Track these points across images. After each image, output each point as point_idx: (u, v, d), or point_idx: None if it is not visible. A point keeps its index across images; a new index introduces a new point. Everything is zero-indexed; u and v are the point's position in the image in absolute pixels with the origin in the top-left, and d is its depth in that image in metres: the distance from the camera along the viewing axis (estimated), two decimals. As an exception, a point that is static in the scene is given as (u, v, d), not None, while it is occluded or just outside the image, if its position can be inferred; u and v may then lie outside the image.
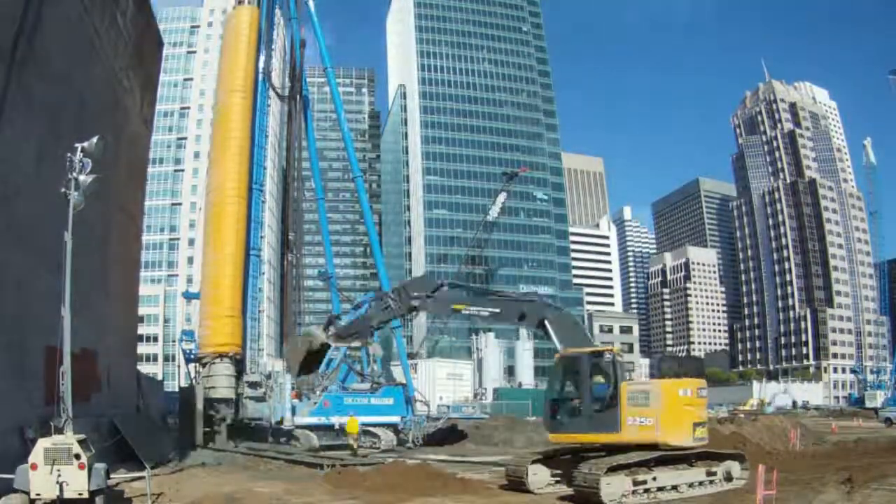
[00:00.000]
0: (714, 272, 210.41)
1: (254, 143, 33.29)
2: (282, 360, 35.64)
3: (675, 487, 13.35)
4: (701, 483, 13.78)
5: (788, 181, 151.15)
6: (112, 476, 12.12)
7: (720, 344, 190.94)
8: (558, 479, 14.47)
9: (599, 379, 14.24)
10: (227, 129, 32.62)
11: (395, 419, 30.63)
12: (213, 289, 31.27)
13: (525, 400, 54.80)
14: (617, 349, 15.22)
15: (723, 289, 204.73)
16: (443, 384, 61.04)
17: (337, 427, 28.30)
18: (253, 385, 30.62)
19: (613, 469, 12.58)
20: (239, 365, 30.86)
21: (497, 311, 18.14)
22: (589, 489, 12.28)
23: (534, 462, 14.65)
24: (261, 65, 34.42)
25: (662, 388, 13.83)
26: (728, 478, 14.10)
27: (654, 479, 13.10)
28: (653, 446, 13.29)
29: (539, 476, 14.43)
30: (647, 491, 12.94)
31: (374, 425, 29.91)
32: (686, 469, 13.67)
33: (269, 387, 30.21)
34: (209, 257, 32.24)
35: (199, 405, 28.12)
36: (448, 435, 33.40)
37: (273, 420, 28.82)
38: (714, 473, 13.95)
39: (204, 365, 30.68)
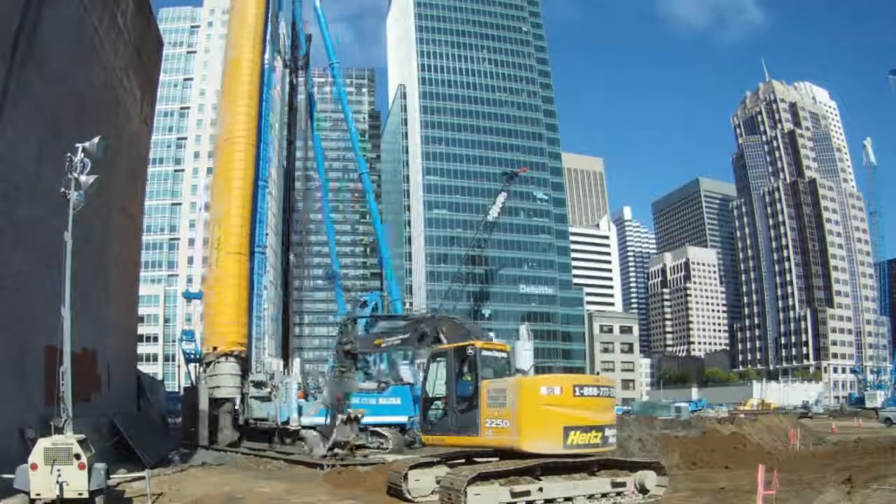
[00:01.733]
0: (714, 272, 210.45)
1: (259, 138, 33.32)
2: (281, 360, 35.40)
3: (569, 500, 11.65)
4: (605, 495, 12.05)
5: (788, 181, 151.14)
6: (112, 476, 12.12)
7: (720, 344, 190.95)
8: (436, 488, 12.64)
9: (467, 377, 12.81)
10: (237, 81, 32.96)
11: (402, 419, 29.92)
12: (218, 286, 31.06)
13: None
14: (483, 343, 13.38)
15: (723, 289, 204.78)
16: None
17: None
18: (258, 385, 30.03)
19: (485, 477, 11.05)
20: (244, 364, 30.35)
21: (406, 336, 16.51)
22: (453, 501, 10.73)
23: (414, 467, 12.94)
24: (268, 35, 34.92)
25: (520, 386, 11.84)
26: (642, 489, 12.50)
27: (541, 489, 11.36)
28: (511, 453, 11.63)
29: (422, 482, 12.73)
30: None
31: (382, 425, 29.13)
32: (585, 479, 11.97)
33: (275, 386, 29.50)
34: (214, 253, 31.98)
35: (204, 405, 27.68)
36: None
37: (279, 420, 28.02)
38: (622, 484, 12.32)
39: (208, 364, 30.19)
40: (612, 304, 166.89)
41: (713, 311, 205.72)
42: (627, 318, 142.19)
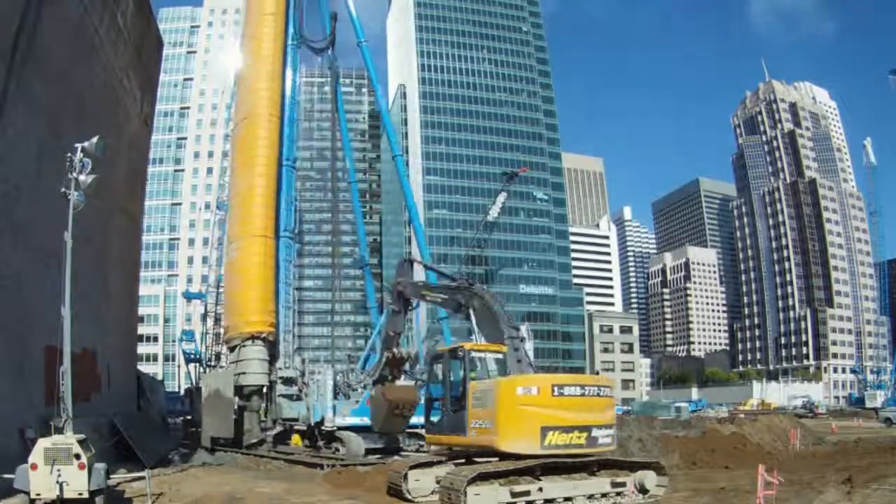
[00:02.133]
0: (714, 272, 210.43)
1: (283, 117, 31.56)
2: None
3: (569, 500, 11.66)
4: (605, 495, 12.08)
5: (788, 181, 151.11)
6: (112, 476, 12.11)
7: (720, 344, 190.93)
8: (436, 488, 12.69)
9: (459, 378, 13.03)
10: (258, 59, 31.08)
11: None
12: (242, 267, 28.76)
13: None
14: (472, 345, 13.43)
15: (723, 289, 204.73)
16: None
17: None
18: (287, 381, 27.99)
19: (485, 477, 11.10)
20: (272, 349, 28.11)
21: (445, 297, 16.66)
22: (452, 501, 10.83)
23: (414, 467, 13.01)
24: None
25: (499, 387, 11.97)
26: (642, 490, 12.53)
27: (541, 489, 11.41)
28: (493, 452, 11.87)
29: (422, 483, 12.73)
30: None
31: (420, 427, 27.69)
32: (585, 479, 11.99)
33: (305, 384, 27.42)
34: (234, 235, 30.10)
35: (229, 393, 25.10)
36: None
37: (312, 420, 26.01)
38: (622, 484, 12.35)
39: (233, 349, 27.98)
40: (612, 304, 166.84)
41: (713, 311, 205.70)
42: (627, 318, 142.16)
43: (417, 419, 26.51)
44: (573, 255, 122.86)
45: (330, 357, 41.83)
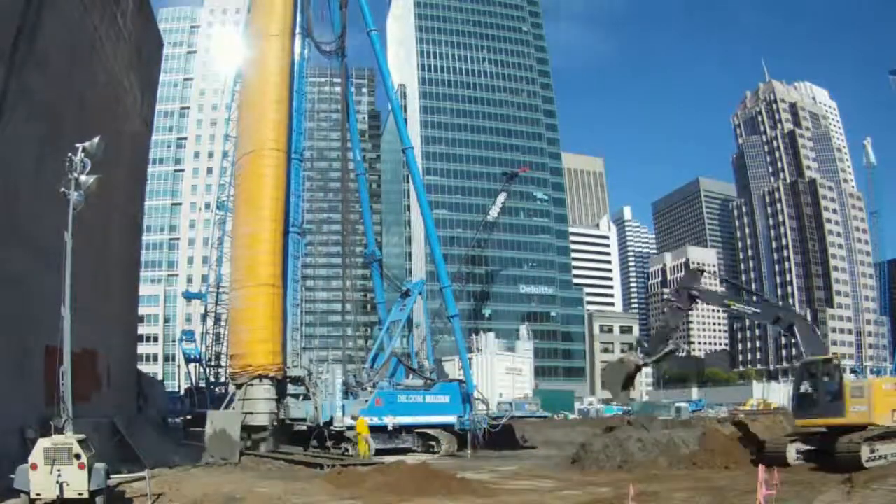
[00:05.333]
0: (714, 272, 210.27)
1: (292, 107, 30.91)
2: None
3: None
4: None
5: (788, 181, 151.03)
6: (112, 476, 12.11)
7: (720, 344, 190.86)
8: (799, 455, 18.61)
9: (827, 378, 18.44)
10: (264, 80, 30.13)
11: (451, 419, 27.61)
12: (248, 314, 27.74)
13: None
14: (839, 355, 18.70)
15: (723, 289, 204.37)
16: (501, 379, 57.00)
17: (391, 428, 25.91)
18: (295, 381, 27.62)
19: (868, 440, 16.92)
20: (281, 385, 27.46)
21: (758, 311, 22.69)
22: (850, 455, 16.20)
23: (792, 441, 18.98)
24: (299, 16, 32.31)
25: (874, 384, 18.59)
26: None
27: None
28: (864, 427, 17.37)
29: (790, 452, 18.41)
30: (882, 457, 16.79)
31: (431, 426, 26.66)
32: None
33: (314, 383, 27.11)
34: (240, 281, 28.91)
35: (236, 435, 24.38)
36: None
37: (321, 420, 25.56)
38: None
39: (239, 386, 27.26)
40: (612, 304, 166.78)
41: (713, 311, 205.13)
42: (627, 318, 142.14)
43: (424, 418, 26.94)
44: (573, 255, 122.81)
45: (340, 356, 41.26)
